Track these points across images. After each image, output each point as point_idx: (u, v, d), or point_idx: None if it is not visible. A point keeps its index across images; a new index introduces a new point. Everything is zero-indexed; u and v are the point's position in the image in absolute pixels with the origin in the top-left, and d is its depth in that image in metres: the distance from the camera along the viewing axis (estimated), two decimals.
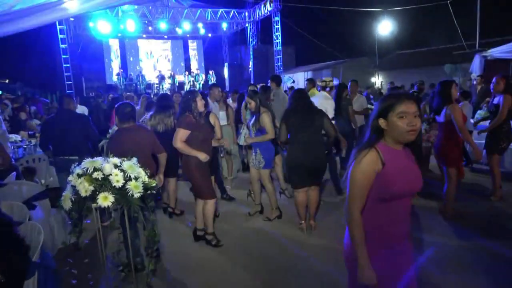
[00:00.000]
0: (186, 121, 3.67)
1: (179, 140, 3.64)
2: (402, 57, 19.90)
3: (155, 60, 21.97)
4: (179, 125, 3.69)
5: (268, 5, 18.36)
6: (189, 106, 3.70)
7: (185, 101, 3.75)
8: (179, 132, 3.65)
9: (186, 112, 3.72)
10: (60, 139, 4.45)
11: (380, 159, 1.66)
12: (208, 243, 3.92)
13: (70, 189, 2.28)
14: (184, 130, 3.64)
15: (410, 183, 1.69)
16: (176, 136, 3.65)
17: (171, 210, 4.94)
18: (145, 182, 2.36)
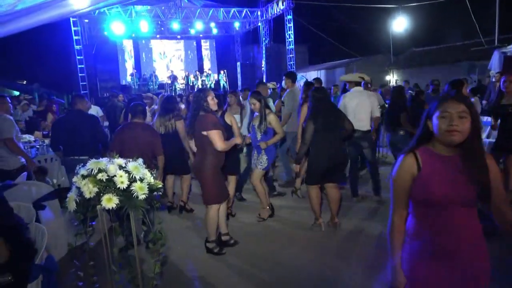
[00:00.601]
0: (213, 122, 3.48)
1: (221, 142, 3.45)
2: (418, 55, 19.51)
3: (168, 60, 22.09)
4: (208, 128, 3.44)
5: (281, 3, 18.25)
6: (201, 105, 3.54)
7: (197, 100, 3.58)
8: (216, 136, 3.43)
9: (200, 112, 3.54)
10: (69, 139, 4.47)
11: (416, 164, 1.62)
12: (209, 251, 3.76)
13: (75, 190, 2.24)
14: (217, 131, 3.45)
15: (451, 192, 1.55)
16: (215, 141, 3.43)
17: (182, 204, 5.03)
18: (151, 184, 2.31)
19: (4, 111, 4.47)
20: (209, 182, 3.60)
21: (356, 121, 4.72)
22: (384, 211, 4.73)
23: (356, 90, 5.14)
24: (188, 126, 3.66)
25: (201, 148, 3.61)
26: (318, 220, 4.24)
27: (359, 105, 4.98)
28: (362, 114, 4.97)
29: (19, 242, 1.96)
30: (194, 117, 3.57)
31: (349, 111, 4.88)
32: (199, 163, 3.62)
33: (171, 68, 21.07)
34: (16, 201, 3.29)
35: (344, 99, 5.04)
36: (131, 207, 2.18)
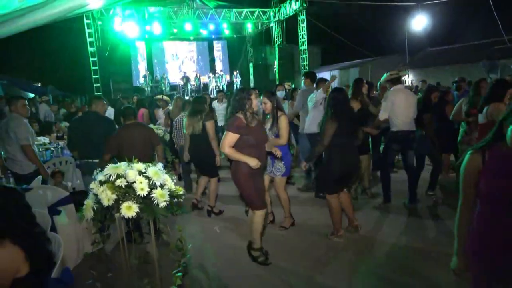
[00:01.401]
0: (235, 124, 3.27)
1: (227, 146, 3.26)
2: (433, 54, 19.09)
3: (180, 62, 22.08)
4: (228, 128, 3.32)
5: (294, 3, 18.07)
6: (243, 106, 3.30)
7: (239, 99, 3.33)
8: (227, 137, 3.27)
9: (237, 112, 3.32)
10: (84, 141, 4.38)
11: (482, 159, 1.68)
12: (254, 260, 3.55)
13: (92, 197, 2.11)
14: (233, 134, 3.25)
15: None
16: (223, 141, 3.29)
17: (209, 209, 4.98)
18: (171, 190, 2.16)
19: (20, 114, 4.39)
20: (243, 186, 3.42)
21: (407, 121, 4.58)
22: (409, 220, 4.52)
23: (401, 88, 4.79)
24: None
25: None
26: (339, 232, 4.04)
27: (407, 104, 4.64)
28: (411, 113, 4.67)
29: (40, 254, 1.83)
30: (231, 118, 3.38)
31: (397, 110, 4.59)
32: (233, 168, 3.45)
33: (183, 70, 21.05)
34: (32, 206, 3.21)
35: (394, 97, 4.64)
36: (151, 215, 2.05)
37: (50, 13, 2.32)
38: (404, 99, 4.61)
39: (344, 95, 4.04)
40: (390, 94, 4.67)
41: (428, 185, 5.23)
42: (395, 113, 4.59)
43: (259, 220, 3.45)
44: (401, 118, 4.58)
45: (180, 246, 2.24)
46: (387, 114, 4.63)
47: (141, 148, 4.07)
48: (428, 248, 3.69)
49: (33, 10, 2.23)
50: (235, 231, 4.39)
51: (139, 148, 4.04)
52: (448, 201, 4.95)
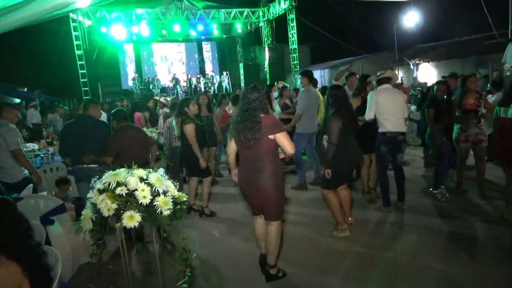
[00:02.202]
0: (279, 123, 3.04)
1: (291, 143, 2.97)
2: (423, 51, 19.20)
3: (170, 63, 21.86)
4: (280, 129, 2.93)
5: (283, 2, 18.00)
6: (259, 106, 2.96)
7: (256, 99, 2.96)
8: (287, 137, 2.95)
9: (258, 113, 2.94)
10: (79, 146, 4.20)
11: None
12: (271, 277, 3.13)
13: (91, 207, 1.98)
14: (286, 133, 3.00)
15: None
16: (290, 143, 2.94)
17: (200, 209, 4.92)
18: (175, 197, 2.04)
19: (8, 120, 4.22)
20: (282, 193, 3.13)
21: (396, 122, 4.38)
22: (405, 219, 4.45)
23: (387, 87, 4.56)
24: (236, 130, 3.01)
25: (263, 157, 2.95)
26: (343, 226, 4.02)
27: (395, 104, 4.44)
28: (400, 113, 4.46)
29: (38, 269, 1.69)
30: (247, 120, 2.92)
31: (383, 110, 4.40)
32: (271, 170, 2.96)
33: (173, 71, 20.83)
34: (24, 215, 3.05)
35: (377, 97, 4.45)
36: (154, 224, 1.92)
37: (34, 11, 2.18)
38: (390, 99, 4.42)
39: (344, 92, 4.02)
40: (373, 93, 4.53)
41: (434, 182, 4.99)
42: (381, 113, 4.41)
43: (279, 233, 3.16)
44: (388, 118, 4.40)
45: (185, 256, 2.12)
46: (372, 113, 4.47)
47: (138, 150, 4.20)
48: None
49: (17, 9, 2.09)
50: (235, 234, 4.26)
51: (136, 149, 4.16)
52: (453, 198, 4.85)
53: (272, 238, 3.09)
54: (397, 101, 4.44)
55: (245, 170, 3.07)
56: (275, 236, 3.09)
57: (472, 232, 3.91)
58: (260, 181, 2.95)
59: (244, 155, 3.07)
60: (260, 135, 2.88)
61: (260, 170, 2.95)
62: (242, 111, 3.00)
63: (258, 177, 2.96)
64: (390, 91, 4.52)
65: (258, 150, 2.93)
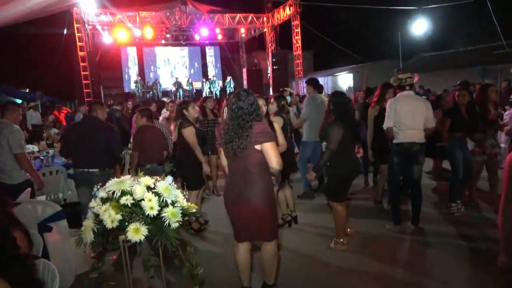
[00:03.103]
0: (269, 132, 2.63)
1: (279, 156, 2.59)
2: (427, 60, 19.13)
3: (172, 67, 21.78)
4: (268, 138, 2.56)
5: (288, 9, 17.95)
6: (253, 112, 2.61)
7: (247, 105, 2.61)
8: (275, 149, 2.58)
9: (250, 121, 2.59)
10: (80, 149, 4.02)
11: None
12: None
13: (92, 217, 1.82)
14: (274, 143, 2.62)
15: None
16: (277, 158, 2.56)
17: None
18: (184, 208, 1.88)
19: (12, 120, 4.06)
20: (275, 211, 2.77)
21: (412, 132, 4.02)
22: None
23: (409, 94, 4.18)
24: (225, 139, 2.66)
25: (252, 169, 2.61)
26: (343, 239, 3.89)
27: (416, 113, 4.05)
28: (420, 124, 4.05)
29: (28, 285, 1.53)
30: (238, 128, 2.59)
31: (401, 120, 4.04)
32: (262, 186, 2.62)
33: (176, 75, 20.75)
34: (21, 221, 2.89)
35: (396, 104, 4.10)
36: (162, 238, 1.76)
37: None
38: (410, 107, 4.03)
39: (345, 99, 3.91)
40: (393, 101, 4.16)
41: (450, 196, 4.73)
42: (398, 122, 4.06)
43: (277, 250, 2.86)
44: (404, 128, 4.04)
45: (194, 272, 1.96)
46: (391, 122, 4.11)
47: (156, 150, 4.53)
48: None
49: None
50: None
51: (154, 149, 4.48)
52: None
53: (269, 258, 2.78)
54: (419, 110, 4.04)
55: (232, 185, 2.67)
56: (272, 256, 2.77)
57: (489, 248, 3.73)
58: (250, 197, 2.57)
59: (231, 167, 2.72)
60: (247, 144, 2.53)
61: (250, 184, 2.59)
62: (232, 118, 2.61)
63: (248, 192, 2.58)
64: (411, 99, 4.12)
65: (247, 161, 2.57)
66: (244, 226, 2.67)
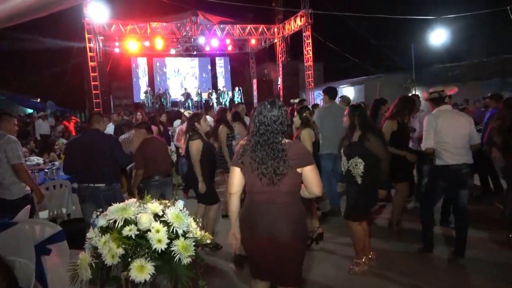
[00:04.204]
0: (308, 151, 2.32)
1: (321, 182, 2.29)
2: (441, 71, 18.75)
3: (182, 78, 21.75)
4: (311, 161, 2.22)
5: (299, 19, 17.82)
6: (283, 128, 2.24)
7: (278, 119, 2.23)
8: (317, 172, 2.27)
9: (281, 138, 2.23)
10: (85, 163, 3.80)
11: None
12: None
13: (90, 249, 1.55)
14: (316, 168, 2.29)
15: None
16: (320, 180, 2.26)
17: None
18: (197, 239, 1.60)
19: (7, 130, 3.86)
20: (305, 252, 2.36)
21: (457, 152, 3.61)
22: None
23: (448, 109, 3.77)
24: (256, 159, 2.20)
25: (286, 198, 2.21)
26: (365, 260, 3.62)
27: (459, 130, 3.64)
28: (465, 142, 3.65)
29: None
30: (267, 147, 2.18)
31: (443, 138, 3.63)
32: (294, 225, 2.21)
33: (185, 86, 20.68)
34: (16, 243, 2.64)
35: (436, 121, 3.66)
36: (171, 276, 1.48)
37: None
38: (451, 123, 3.63)
39: (364, 110, 3.71)
40: (432, 117, 3.71)
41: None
42: (440, 141, 3.64)
43: None
44: (447, 148, 3.61)
45: None
46: (431, 142, 3.65)
47: (165, 161, 4.48)
48: None
49: None
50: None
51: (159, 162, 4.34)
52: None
53: None
54: (462, 126, 3.64)
55: (260, 214, 2.21)
56: None
57: None
58: (285, 232, 2.16)
59: (259, 195, 2.23)
60: (286, 169, 2.14)
61: (285, 216, 2.19)
62: (257, 134, 2.22)
63: (282, 226, 2.17)
64: (451, 114, 3.73)
65: (282, 188, 2.17)
66: (270, 266, 2.24)
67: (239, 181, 2.27)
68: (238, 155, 2.28)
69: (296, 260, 2.25)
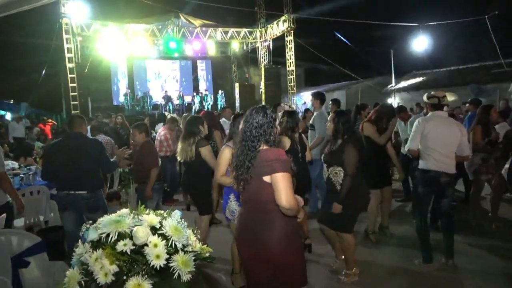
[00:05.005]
0: (283, 159, 2.09)
1: (292, 194, 2.06)
2: (419, 77, 19.22)
3: (163, 81, 21.40)
4: (280, 168, 2.04)
5: (281, 24, 17.88)
6: (266, 134, 2.14)
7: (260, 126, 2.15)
8: (287, 182, 2.04)
9: (260, 145, 2.13)
10: (65, 169, 3.57)
11: None
12: None
13: (79, 265, 1.41)
14: (288, 175, 2.07)
15: None
16: (288, 191, 2.01)
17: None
18: (197, 253, 1.49)
19: None
20: (299, 265, 2.22)
21: (441, 159, 3.51)
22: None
23: (442, 115, 3.65)
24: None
25: (268, 206, 2.10)
26: (355, 268, 3.55)
27: (448, 138, 3.54)
28: (451, 151, 3.56)
29: None
30: (248, 153, 2.12)
31: (429, 144, 3.54)
32: (275, 235, 2.10)
33: (166, 89, 20.34)
34: None
35: (425, 125, 3.57)
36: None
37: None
38: (441, 130, 3.52)
39: (350, 117, 3.71)
40: (422, 120, 3.63)
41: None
42: (426, 146, 3.56)
43: None
44: (432, 154, 3.53)
45: None
46: (416, 144, 3.59)
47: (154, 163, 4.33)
48: None
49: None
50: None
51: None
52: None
53: None
54: (451, 135, 3.53)
55: (246, 222, 2.20)
56: None
57: None
58: (265, 241, 2.08)
59: (244, 202, 2.26)
60: (252, 175, 2.06)
61: (263, 224, 2.10)
62: (240, 139, 2.19)
63: (262, 234, 2.09)
64: (444, 121, 3.60)
65: (259, 195, 2.09)
66: (260, 279, 2.14)
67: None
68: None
69: (286, 277, 2.12)
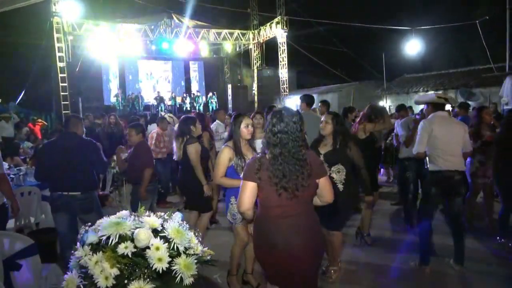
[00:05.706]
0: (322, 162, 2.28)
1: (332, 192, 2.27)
2: (410, 81, 19.40)
3: (155, 81, 21.27)
4: (326, 171, 2.29)
5: (274, 26, 17.92)
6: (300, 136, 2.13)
7: (298, 129, 2.12)
8: (330, 181, 2.28)
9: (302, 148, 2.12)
10: (59, 169, 3.49)
11: None
12: None
13: (77, 269, 1.38)
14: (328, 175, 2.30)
15: None
16: (329, 191, 2.21)
17: None
18: (199, 256, 1.46)
19: None
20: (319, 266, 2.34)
21: (451, 159, 3.55)
22: None
23: (444, 116, 3.72)
24: (276, 174, 2.04)
25: (307, 210, 2.13)
26: (338, 267, 3.61)
27: (454, 137, 3.60)
28: (458, 149, 3.61)
29: None
30: (291, 158, 2.03)
31: (437, 145, 3.57)
32: (317, 236, 2.16)
33: (158, 89, 20.22)
34: None
35: (431, 126, 3.59)
36: None
37: None
38: (447, 130, 3.57)
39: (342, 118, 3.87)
40: (427, 122, 3.63)
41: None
42: (434, 147, 3.58)
43: None
44: (441, 154, 3.56)
45: None
46: (424, 147, 3.61)
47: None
48: None
49: None
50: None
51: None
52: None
53: None
54: (456, 133, 3.60)
55: (278, 232, 2.05)
56: None
57: None
58: (310, 244, 2.07)
59: (274, 209, 2.08)
60: (309, 181, 2.03)
61: (307, 228, 2.08)
62: (278, 145, 2.03)
63: (306, 239, 2.06)
64: (448, 121, 3.69)
65: (300, 200, 2.04)
66: (288, 281, 2.11)
67: (252, 198, 2.07)
68: (253, 169, 2.05)
69: (315, 276, 2.19)
